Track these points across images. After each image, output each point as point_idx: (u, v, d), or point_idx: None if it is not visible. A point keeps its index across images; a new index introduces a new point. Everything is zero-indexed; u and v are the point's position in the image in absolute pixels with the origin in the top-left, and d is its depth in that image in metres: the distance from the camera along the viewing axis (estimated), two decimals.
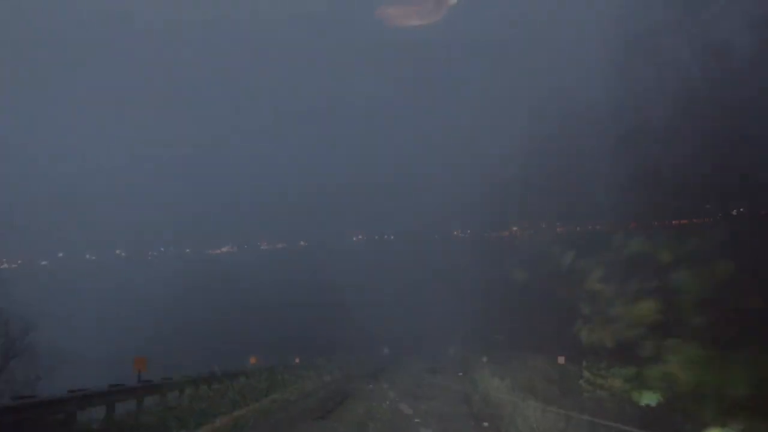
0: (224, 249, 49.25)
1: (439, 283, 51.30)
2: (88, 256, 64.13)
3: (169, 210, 62.65)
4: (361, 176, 78.68)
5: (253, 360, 26.73)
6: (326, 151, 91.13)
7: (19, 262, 60.86)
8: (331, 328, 41.20)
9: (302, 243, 56.43)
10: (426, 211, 62.84)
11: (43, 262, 62.07)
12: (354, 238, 66.69)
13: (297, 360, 28.01)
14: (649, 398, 11.83)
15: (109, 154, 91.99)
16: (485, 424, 11.47)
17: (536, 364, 18.60)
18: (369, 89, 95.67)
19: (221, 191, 76.89)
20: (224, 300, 43.02)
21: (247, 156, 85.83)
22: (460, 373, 18.87)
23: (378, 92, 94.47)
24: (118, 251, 63.00)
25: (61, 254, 65.32)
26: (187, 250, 58.51)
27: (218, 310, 41.81)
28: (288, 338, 39.72)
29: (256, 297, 43.40)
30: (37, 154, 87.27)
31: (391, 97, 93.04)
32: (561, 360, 18.00)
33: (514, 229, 66.98)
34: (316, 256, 50.71)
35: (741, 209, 31.14)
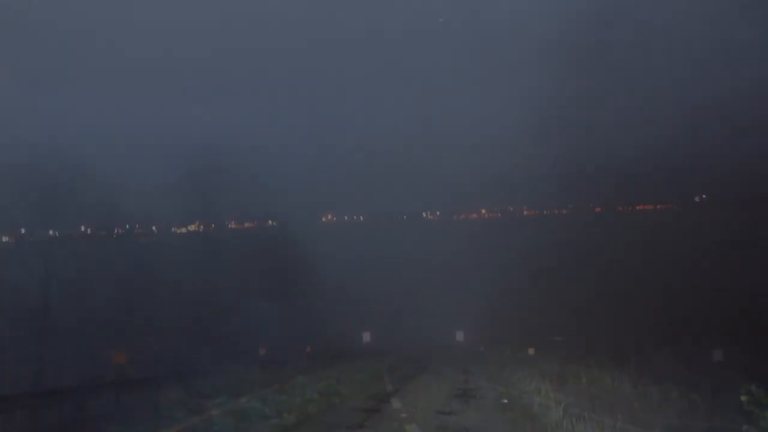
0: (190, 228, 48.33)
1: (424, 266, 51.29)
2: None
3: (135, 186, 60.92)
4: (328, 155, 78.25)
5: None
6: (296, 129, 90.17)
7: None
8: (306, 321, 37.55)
9: (271, 222, 55.87)
10: (396, 192, 62.87)
11: None
12: (323, 218, 66.35)
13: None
14: None
15: None
16: None
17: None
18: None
19: (191, 168, 75.34)
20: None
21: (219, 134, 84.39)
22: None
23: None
24: None
25: None
26: (153, 228, 57.34)
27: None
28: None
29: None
30: None
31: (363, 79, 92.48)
32: None
33: (483, 211, 67.30)
34: (284, 235, 50.27)
35: (704, 196, 31.75)
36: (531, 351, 24.19)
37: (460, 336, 34.54)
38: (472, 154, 66.18)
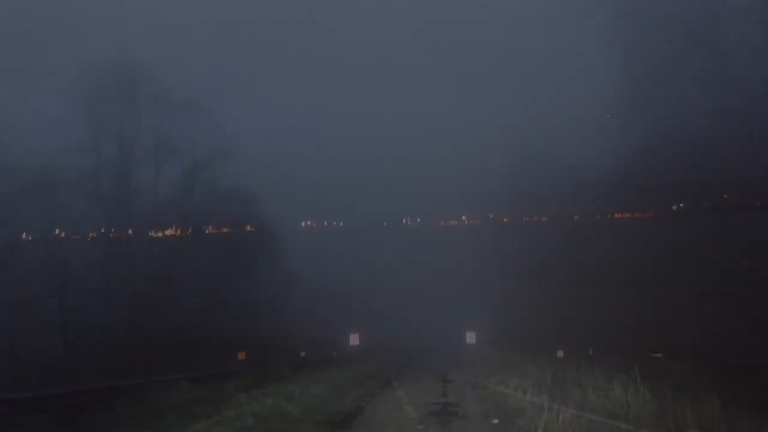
0: (167, 232, 47.56)
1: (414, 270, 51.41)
2: None
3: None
4: (309, 162, 77.91)
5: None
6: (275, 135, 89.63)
7: None
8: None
9: (249, 228, 55.26)
10: (376, 199, 62.75)
11: None
12: (303, 224, 65.92)
13: None
14: None
15: None
16: None
17: None
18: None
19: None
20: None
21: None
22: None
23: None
24: None
25: None
26: (130, 232, 56.43)
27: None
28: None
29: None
30: None
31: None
32: None
33: (464, 218, 67.68)
34: (263, 240, 49.82)
35: (681, 205, 32.39)
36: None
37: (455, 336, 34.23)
38: (453, 161, 66.35)
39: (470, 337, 31.48)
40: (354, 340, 32.49)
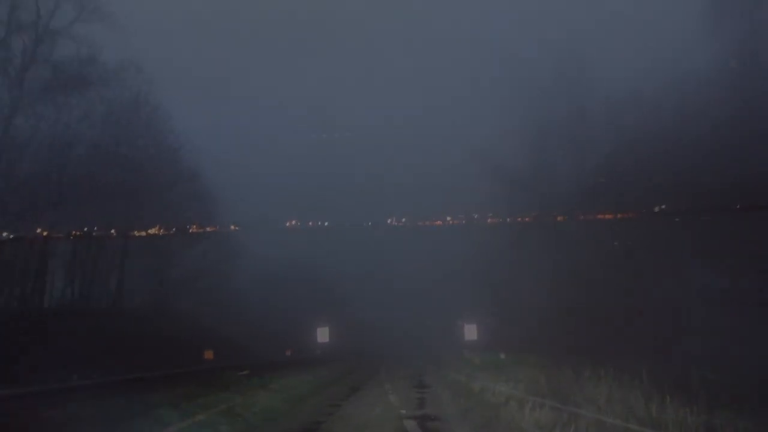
0: (150, 231, 47.13)
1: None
2: None
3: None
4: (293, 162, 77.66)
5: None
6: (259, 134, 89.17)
7: None
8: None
9: (233, 227, 54.95)
10: (360, 199, 62.76)
11: None
12: (288, 224, 65.66)
13: None
14: None
15: None
16: None
17: None
18: None
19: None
20: None
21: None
22: None
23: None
24: None
25: None
26: (112, 231, 55.79)
27: None
28: None
29: None
30: None
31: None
32: None
33: (448, 218, 68.11)
34: (243, 240, 49.70)
35: (663, 206, 32.83)
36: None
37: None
38: (438, 162, 66.59)
39: (470, 332, 28.57)
40: (323, 335, 27.99)
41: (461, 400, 13.26)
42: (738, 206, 27.99)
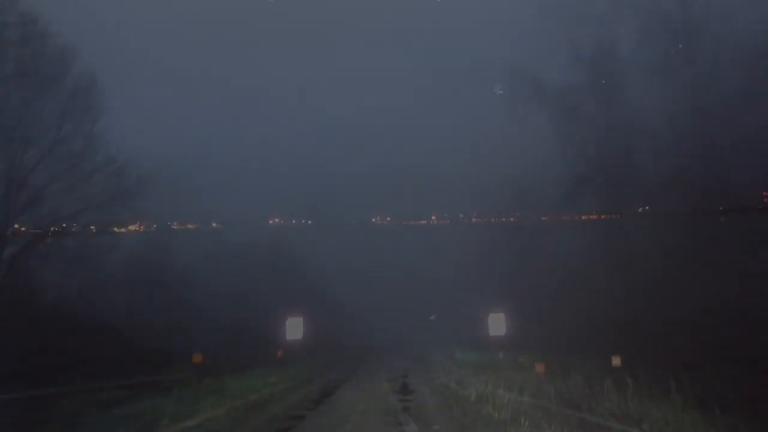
0: (130, 227, 46.42)
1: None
2: None
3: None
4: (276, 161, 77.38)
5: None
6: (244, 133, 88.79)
7: None
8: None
9: (215, 225, 54.49)
10: (345, 198, 62.58)
11: None
12: (271, 222, 65.26)
13: None
14: None
15: None
16: None
17: None
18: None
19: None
20: None
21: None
22: None
23: None
24: None
25: None
26: (91, 227, 54.96)
27: None
28: None
29: None
30: None
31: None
32: None
33: (433, 218, 67.78)
34: (230, 237, 49.29)
35: (646, 207, 32.75)
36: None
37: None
38: (425, 161, 66.58)
39: (495, 323, 20.34)
40: (294, 331, 22.88)
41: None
42: None
